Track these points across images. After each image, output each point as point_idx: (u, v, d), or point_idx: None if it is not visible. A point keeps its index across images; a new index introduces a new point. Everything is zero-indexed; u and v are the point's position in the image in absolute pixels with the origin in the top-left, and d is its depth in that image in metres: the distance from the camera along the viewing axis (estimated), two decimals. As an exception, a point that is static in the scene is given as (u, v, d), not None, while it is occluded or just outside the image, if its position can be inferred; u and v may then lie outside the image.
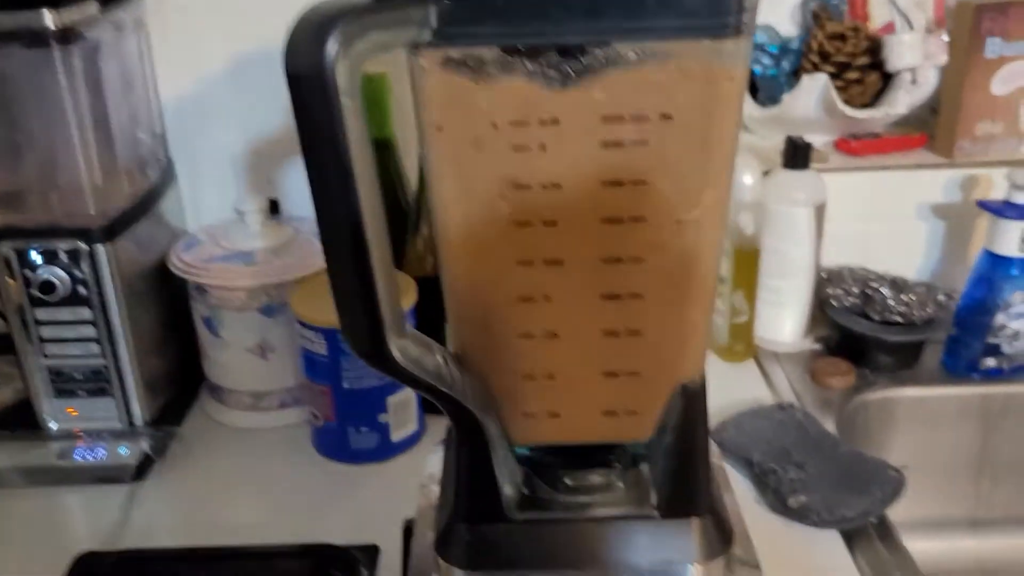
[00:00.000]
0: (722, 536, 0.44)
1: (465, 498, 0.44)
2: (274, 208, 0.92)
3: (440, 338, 0.42)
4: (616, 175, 0.37)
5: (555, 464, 0.45)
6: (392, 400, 0.76)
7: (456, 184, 0.38)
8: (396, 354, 0.37)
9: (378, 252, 0.35)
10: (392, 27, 0.33)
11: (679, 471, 0.43)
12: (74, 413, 0.79)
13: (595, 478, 0.45)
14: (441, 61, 0.35)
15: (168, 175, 0.88)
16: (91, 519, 0.74)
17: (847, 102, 0.91)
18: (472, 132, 0.36)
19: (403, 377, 0.38)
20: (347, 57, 0.32)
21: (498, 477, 0.43)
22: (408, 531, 0.51)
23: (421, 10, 0.34)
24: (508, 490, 0.44)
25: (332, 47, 0.31)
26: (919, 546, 0.69)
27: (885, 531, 0.70)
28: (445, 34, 0.35)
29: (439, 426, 0.77)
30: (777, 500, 0.70)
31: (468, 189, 0.38)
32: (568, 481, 0.45)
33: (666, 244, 0.39)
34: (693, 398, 0.42)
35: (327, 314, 0.74)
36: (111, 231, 0.74)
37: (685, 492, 0.43)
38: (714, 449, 0.50)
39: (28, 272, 0.73)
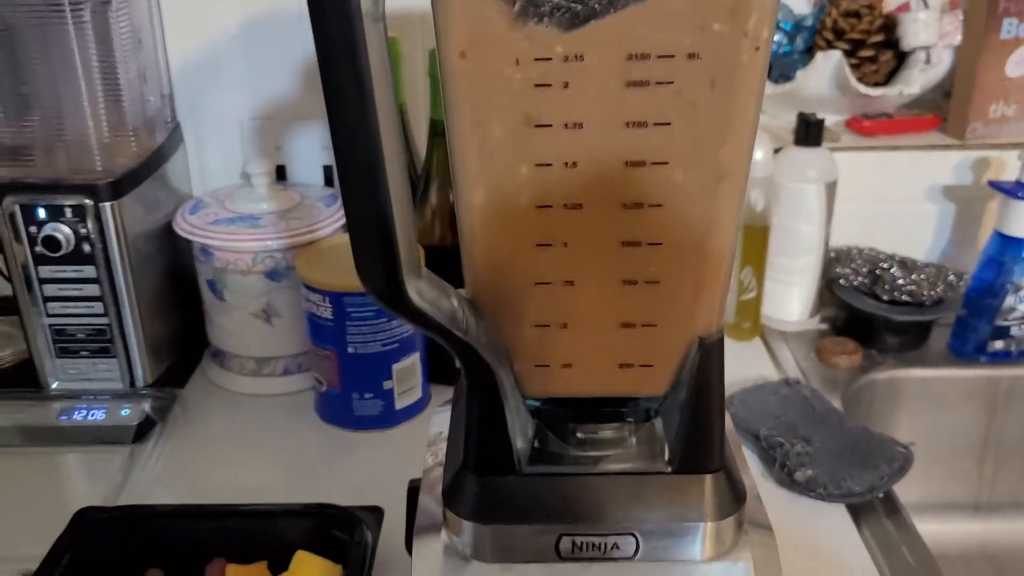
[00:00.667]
0: (735, 494, 0.43)
1: (475, 450, 0.43)
2: (280, 174, 0.92)
3: None
4: (640, 116, 0.36)
5: (567, 417, 0.44)
6: (397, 367, 0.76)
7: (474, 123, 0.37)
8: (413, 295, 0.37)
9: (395, 186, 0.34)
10: (416, -47, 0.33)
11: (693, 427, 0.42)
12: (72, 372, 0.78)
13: (607, 432, 0.45)
14: (463, -7, 0.34)
15: (175, 137, 0.87)
16: (91, 479, 0.73)
17: (860, 80, 0.91)
18: (493, 68, 0.35)
19: (418, 320, 0.37)
20: (369, -19, 0.31)
21: (509, 429, 0.42)
22: (413, 492, 0.50)
23: (444, -63, 0.33)
24: (519, 443, 0.43)
25: (355, -32, 0.30)
26: (922, 528, 0.69)
27: (892, 507, 0.69)
28: (468, -35, 0.34)
29: (444, 395, 0.77)
30: (784, 474, 0.70)
31: (487, 128, 0.37)
32: (580, 435, 0.45)
33: (688, 188, 0.38)
34: (710, 352, 0.41)
35: (333, 277, 0.73)
36: (117, 189, 0.73)
37: (699, 448, 0.43)
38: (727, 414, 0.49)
39: (32, 228, 0.72)
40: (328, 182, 0.93)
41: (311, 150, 0.91)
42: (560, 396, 0.43)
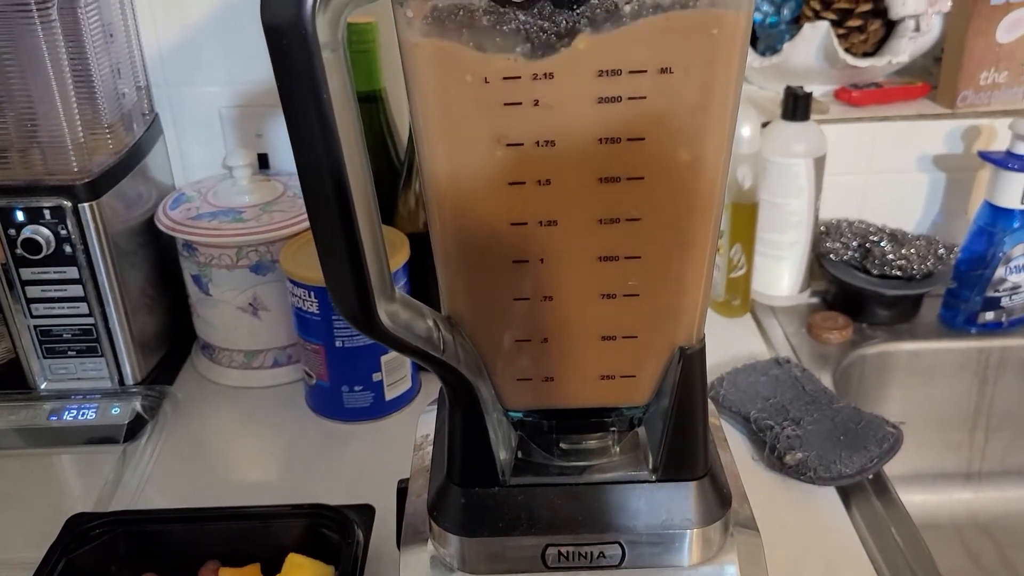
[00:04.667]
0: (720, 499, 0.43)
1: (458, 463, 0.43)
2: (263, 163, 0.91)
3: (434, 294, 0.41)
4: (613, 131, 0.35)
5: (550, 428, 0.44)
6: (386, 359, 0.75)
7: (445, 142, 0.36)
8: (385, 319, 0.36)
9: (365, 214, 0.34)
10: (376, -23, 0.32)
11: (677, 435, 0.42)
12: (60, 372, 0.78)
13: (591, 442, 0.44)
14: (428, 12, 0.33)
15: (154, 130, 0.86)
16: (84, 480, 0.73)
17: (849, 50, 0.89)
18: (462, 87, 0.35)
19: (392, 343, 0.37)
20: (327, 8, 0.30)
21: (492, 442, 0.42)
22: (402, 492, 0.51)
23: (407, -42, 0.32)
24: (502, 454, 0.43)
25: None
26: (914, 499, 0.70)
27: (881, 486, 0.69)
28: (433, -17, 0.33)
29: (433, 384, 0.77)
30: (774, 457, 0.70)
31: (458, 147, 0.36)
32: (563, 446, 0.44)
33: (665, 203, 0.37)
34: (691, 361, 0.41)
35: (319, 272, 0.72)
36: (95, 188, 0.72)
37: (683, 456, 0.43)
38: (711, 408, 0.49)
39: (11, 231, 0.71)
40: (311, 169, 0.91)
41: (293, 137, 0.90)
42: (542, 408, 0.43)
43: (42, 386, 0.79)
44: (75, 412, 0.76)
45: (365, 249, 0.34)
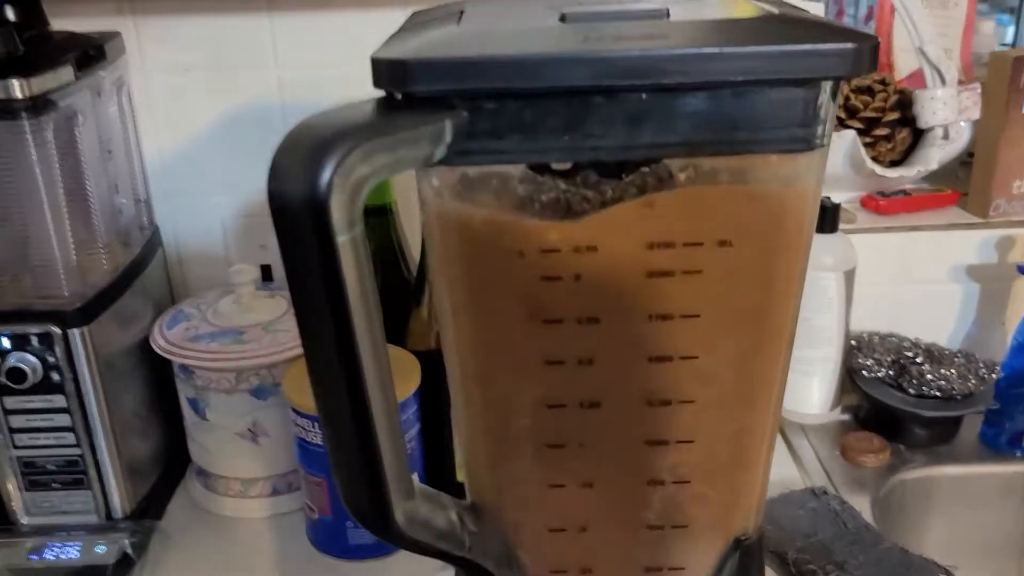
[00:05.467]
0: None
1: (482, 664, 0.37)
2: (267, 275, 0.87)
3: (446, 421, 0.36)
4: (664, 309, 0.31)
5: (587, 624, 0.38)
6: (393, 491, 0.70)
7: (474, 316, 0.32)
8: (401, 520, 0.31)
9: (383, 412, 0.29)
10: (400, 147, 0.28)
11: (732, 634, 0.37)
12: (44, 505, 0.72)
13: (633, 638, 0.39)
14: (457, 180, 0.30)
15: (152, 243, 0.82)
16: (64, 627, 0.67)
17: (876, 159, 0.86)
18: (495, 261, 0.30)
19: (408, 546, 0.32)
20: (345, 187, 0.26)
21: (521, 640, 0.37)
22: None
23: (435, 125, 0.28)
24: (532, 654, 0.38)
25: (326, 175, 0.26)
26: (962, 637, 0.63)
27: (936, 639, 0.63)
28: (463, 150, 0.29)
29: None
30: (817, 606, 0.64)
31: (489, 323, 0.32)
32: (602, 642, 0.39)
33: (720, 384, 0.33)
34: (749, 552, 0.36)
35: (323, 402, 0.68)
36: (87, 313, 0.68)
37: (738, 656, 0.37)
38: None
39: (-4, 358, 0.67)
40: (317, 280, 0.87)
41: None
42: (578, 603, 0.38)
43: (24, 520, 0.74)
44: (57, 551, 0.70)
45: (382, 448, 0.29)
